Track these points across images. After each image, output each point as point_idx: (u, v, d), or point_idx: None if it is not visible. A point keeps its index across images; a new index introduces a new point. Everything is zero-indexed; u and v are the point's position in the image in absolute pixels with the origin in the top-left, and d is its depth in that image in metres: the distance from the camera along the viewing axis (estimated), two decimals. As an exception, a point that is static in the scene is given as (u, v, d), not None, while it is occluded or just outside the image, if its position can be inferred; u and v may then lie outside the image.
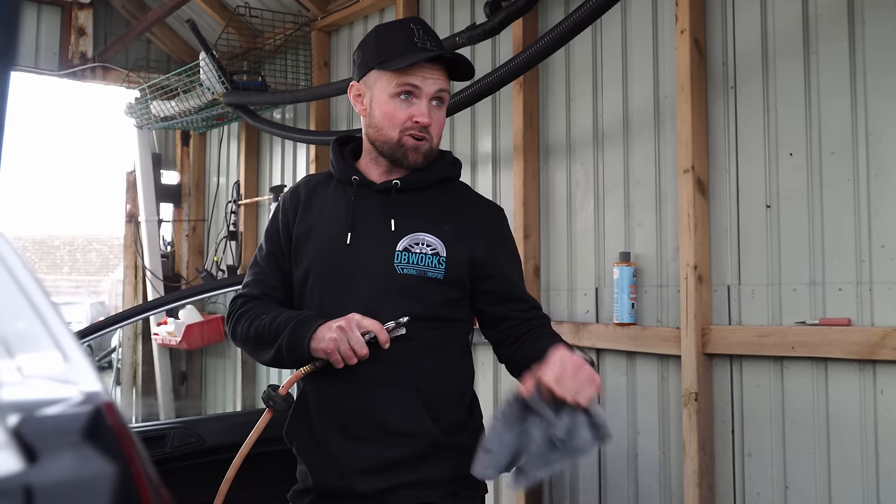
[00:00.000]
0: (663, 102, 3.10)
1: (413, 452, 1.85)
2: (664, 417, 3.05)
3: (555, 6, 3.55)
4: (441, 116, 1.96)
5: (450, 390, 1.94)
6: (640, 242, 3.17)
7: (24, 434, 0.49)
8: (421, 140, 1.91)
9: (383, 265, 1.88)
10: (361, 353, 1.76)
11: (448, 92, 1.96)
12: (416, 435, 1.85)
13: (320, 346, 1.78)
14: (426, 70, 1.89)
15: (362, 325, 1.78)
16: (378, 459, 1.84)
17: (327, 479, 1.88)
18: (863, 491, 2.46)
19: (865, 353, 2.43)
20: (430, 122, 1.90)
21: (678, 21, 2.95)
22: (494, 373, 3.75)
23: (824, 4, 2.63)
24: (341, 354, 1.76)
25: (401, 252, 1.88)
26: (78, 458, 0.48)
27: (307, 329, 1.81)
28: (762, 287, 2.75)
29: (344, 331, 1.76)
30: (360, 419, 1.86)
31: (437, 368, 1.91)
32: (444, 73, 1.92)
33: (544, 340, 1.88)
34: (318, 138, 4.58)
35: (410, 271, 1.88)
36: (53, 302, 0.56)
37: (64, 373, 0.55)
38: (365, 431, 1.85)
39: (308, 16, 4.98)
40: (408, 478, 1.84)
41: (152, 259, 6.14)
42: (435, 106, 1.92)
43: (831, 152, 2.59)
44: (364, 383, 1.84)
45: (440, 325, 1.92)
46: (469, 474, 1.78)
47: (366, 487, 1.84)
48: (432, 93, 1.90)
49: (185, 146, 6.47)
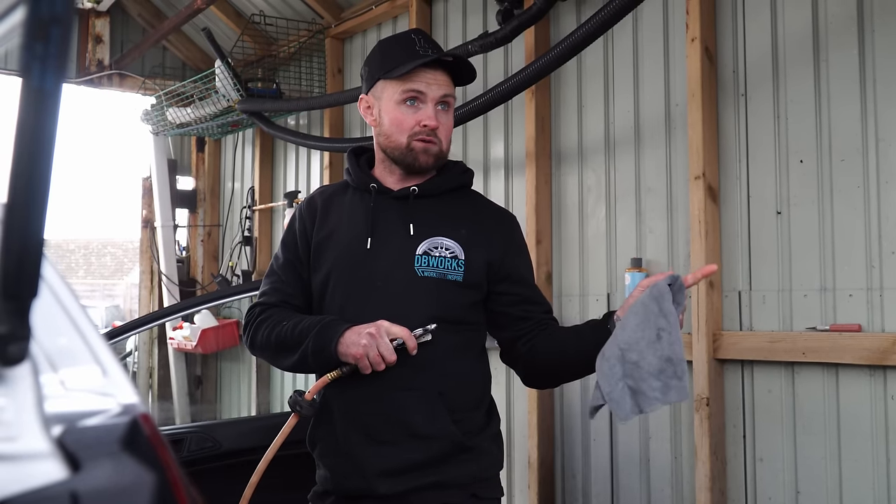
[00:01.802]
0: (674, 110, 3.12)
1: (434, 454, 1.88)
2: (676, 422, 3.08)
3: (566, 14, 3.58)
4: (448, 120, 2.00)
5: (470, 393, 1.98)
6: (651, 248, 3.19)
7: (67, 443, 0.53)
8: (429, 143, 1.96)
9: (404, 269, 1.92)
10: (390, 359, 1.80)
11: (453, 97, 2.01)
12: (438, 437, 1.88)
13: (349, 350, 1.81)
14: (429, 76, 1.95)
15: (391, 331, 1.81)
16: (400, 461, 1.87)
17: (350, 482, 1.91)
18: (874, 495, 2.48)
19: (876, 358, 2.44)
20: (437, 125, 1.95)
21: (689, 29, 2.97)
22: (507, 379, 3.78)
23: (834, 12, 2.65)
24: (370, 360, 1.80)
25: (420, 255, 1.92)
26: (118, 465, 0.52)
27: (334, 333, 1.84)
28: (773, 293, 2.77)
29: (374, 337, 1.79)
30: (382, 422, 1.89)
31: (459, 372, 1.95)
32: (447, 79, 1.98)
33: (567, 329, 1.98)
34: (332, 145, 4.62)
35: (431, 274, 1.92)
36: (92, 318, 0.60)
37: (103, 386, 0.58)
38: (387, 434, 1.88)
39: (322, 23, 5.03)
40: (429, 479, 1.87)
41: (168, 264, 6.20)
42: (441, 110, 1.97)
43: (841, 159, 2.61)
44: (386, 386, 1.87)
45: (460, 328, 1.95)
46: (489, 476, 1.85)
47: (387, 490, 1.87)
48: (437, 97, 1.95)
49: (201, 152, 6.53)
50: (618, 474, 3.30)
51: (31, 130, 0.47)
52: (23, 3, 0.46)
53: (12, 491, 0.47)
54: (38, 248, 0.49)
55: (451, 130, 2.02)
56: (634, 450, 3.22)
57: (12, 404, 0.51)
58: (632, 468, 3.24)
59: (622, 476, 3.28)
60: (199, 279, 6.37)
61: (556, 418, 3.56)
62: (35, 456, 0.50)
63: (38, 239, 0.48)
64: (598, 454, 3.38)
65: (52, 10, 0.45)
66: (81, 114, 55.44)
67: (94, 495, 0.47)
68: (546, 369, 2.01)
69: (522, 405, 3.65)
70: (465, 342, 1.97)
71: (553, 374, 2.05)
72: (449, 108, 2.00)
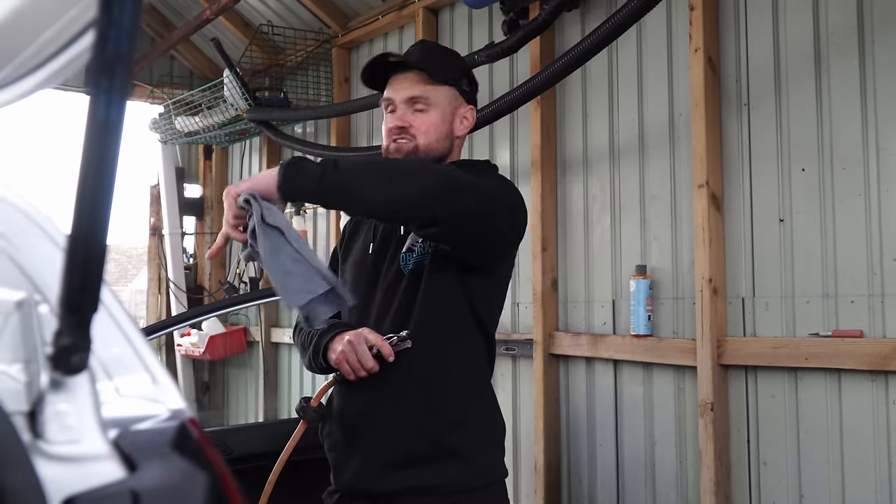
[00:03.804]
0: (678, 119, 3.17)
1: (420, 455, 1.93)
2: (681, 427, 3.11)
3: (571, 25, 3.63)
4: (423, 119, 2.04)
5: (454, 392, 2.01)
6: (656, 255, 3.23)
7: (123, 445, 0.57)
8: (399, 140, 2.03)
9: (393, 269, 2.02)
10: (367, 365, 1.89)
11: (423, 95, 2.04)
12: (423, 437, 1.94)
13: (333, 357, 1.94)
14: (395, 81, 2.07)
15: (368, 339, 1.91)
16: (385, 461, 1.94)
17: (343, 479, 2.01)
18: (876, 499, 2.51)
19: (878, 364, 2.48)
20: (406, 124, 2.02)
21: (692, 40, 3.02)
22: (514, 385, 3.82)
23: (835, 23, 2.69)
24: (350, 366, 1.90)
25: (405, 253, 2.01)
26: (171, 465, 0.57)
27: (323, 340, 1.97)
28: (776, 299, 2.81)
29: (352, 344, 1.90)
30: (367, 422, 1.96)
31: (443, 373, 1.99)
32: (418, 80, 2.04)
33: None
34: (339, 154, 4.67)
35: (412, 266, 1.99)
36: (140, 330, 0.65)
37: (153, 392, 0.63)
38: (372, 434, 1.95)
39: (329, 33, 5.08)
40: (420, 482, 1.93)
41: (176, 271, 6.26)
42: (416, 110, 2.04)
43: (843, 168, 2.65)
44: (372, 387, 1.95)
45: (443, 319, 1.98)
46: (478, 486, 1.92)
47: (377, 489, 1.94)
48: (403, 99, 2.04)
49: (208, 160, 6.59)
50: (623, 479, 3.34)
51: (95, 158, 0.52)
52: (91, 44, 0.50)
53: (79, 489, 0.52)
54: (100, 267, 0.54)
55: (431, 126, 2.04)
56: (640, 454, 3.26)
57: (74, 410, 0.55)
58: (637, 473, 3.27)
59: (628, 481, 3.32)
60: (207, 286, 6.42)
61: (561, 424, 3.60)
62: (96, 457, 0.55)
63: (100, 259, 0.53)
64: (603, 459, 3.42)
65: (117, 50, 0.50)
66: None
67: (153, 493, 0.52)
68: None
69: (528, 411, 3.69)
70: (449, 333, 2.00)
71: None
72: (425, 106, 2.04)
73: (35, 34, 0.63)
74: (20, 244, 0.64)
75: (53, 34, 0.62)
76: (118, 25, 0.49)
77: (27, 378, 0.55)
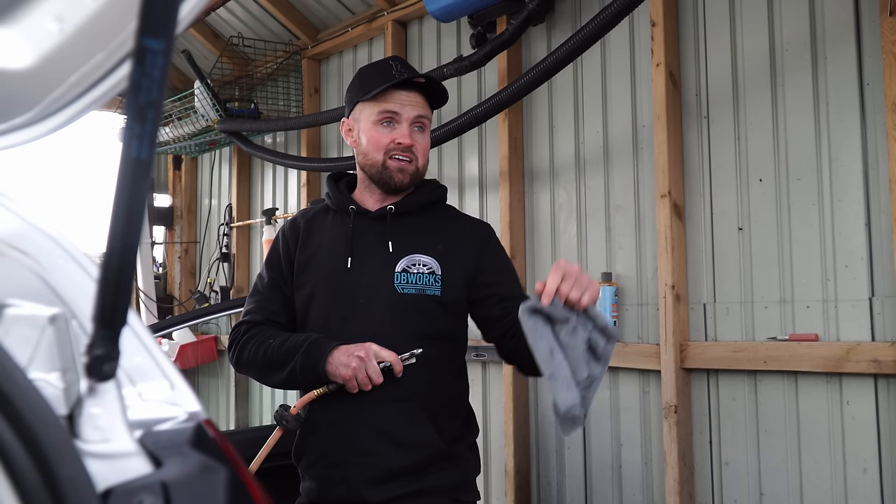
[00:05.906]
0: (641, 131, 3.27)
1: (418, 462, 1.98)
2: (646, 430, 3.21)
3: (537, 39, 3.73)
4: (424, 140, 2.10)
5: (450, 403, 2.09)
6: (621, 263, 3.33)
7: (147, 444, 0.64)
8: (404, 161, 2.06)
9: (384, 286, 2.01)
10: (377, 381, 1.90)
11: (428, 119, 2.11)
12: (421, 446, 1.98)
13: (338, 371, 1.91)
14: (404, 97, 2.06)
15: (380, 355, 1.91)
16: (385, 470, 1.96)
17: (336, 492, 2.00)
18: (832, 495, 2.62)
19: (832, 366, 2.59)
20: (413, 143, 2.05)
21: (654, 55, 3.13)
22: (483, 390, 3.90)
23: (789, 40, 2.81)
24: (358, 382, 1.90)
25: (400, 273, 2.02)
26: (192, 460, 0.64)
27: (322, 352, 1.93)
28: (736, 305, 2.92)
29: (363, 360, 1.89)
30: (367, 433, 1.97)
31: (440, 383, 2.04)
32: (422, 101, 2.09)
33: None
34: (309, 165, 4.71)
35: (411, 290, 2.01)
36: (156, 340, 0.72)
37: (172, 397, 0.70)
38: (373, 444, 1.97)
39: (299, 45, 5.14)
40: (413, 487, 1.97)
41: (146, 280, 6.25)
42: (417, 130, 2.07)
43: (798, 178, 2.77)
44: (370, 400, 1.95)
45: (440, 342, 2.04)
46: (469, 481, 1.94)
47: (374, 497, 1.96)
48: (412, 118, 2.06)
49: (177, 170, 6.60)
50: (591, 481, 3.42)
51: (127, 193, 0.59)
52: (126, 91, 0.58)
53: (114, 481, 0.59)
54: (128, 287, 0.61)
55: (427, 150, 2.12)
56: (607, 457, 3.35)
57: (105, 412, 0.62)
58: (604, 474, 3.36)
59: (595, 482, 3.40)
60: (177, 295, 6.44)
61: (531, 427, 3.68)
62: (126, 454, 0.62)
63: (129, 280, 0.60)
64: (572, 461, 3.50)
65: (149, 98, 0.57)
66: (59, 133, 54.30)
67: (180, 484, 0.59)
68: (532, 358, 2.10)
69: (499, 415, 3.77)
70: (444, 355, 2.06)
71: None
72: (425, 128, 2.10)
73: (64, 77, 0.70)
74: (49, 266, 0.71)
75: (79, 78, 0.69)
76: (150, 76, 0.56)
77: (65, 385, 0.62)
